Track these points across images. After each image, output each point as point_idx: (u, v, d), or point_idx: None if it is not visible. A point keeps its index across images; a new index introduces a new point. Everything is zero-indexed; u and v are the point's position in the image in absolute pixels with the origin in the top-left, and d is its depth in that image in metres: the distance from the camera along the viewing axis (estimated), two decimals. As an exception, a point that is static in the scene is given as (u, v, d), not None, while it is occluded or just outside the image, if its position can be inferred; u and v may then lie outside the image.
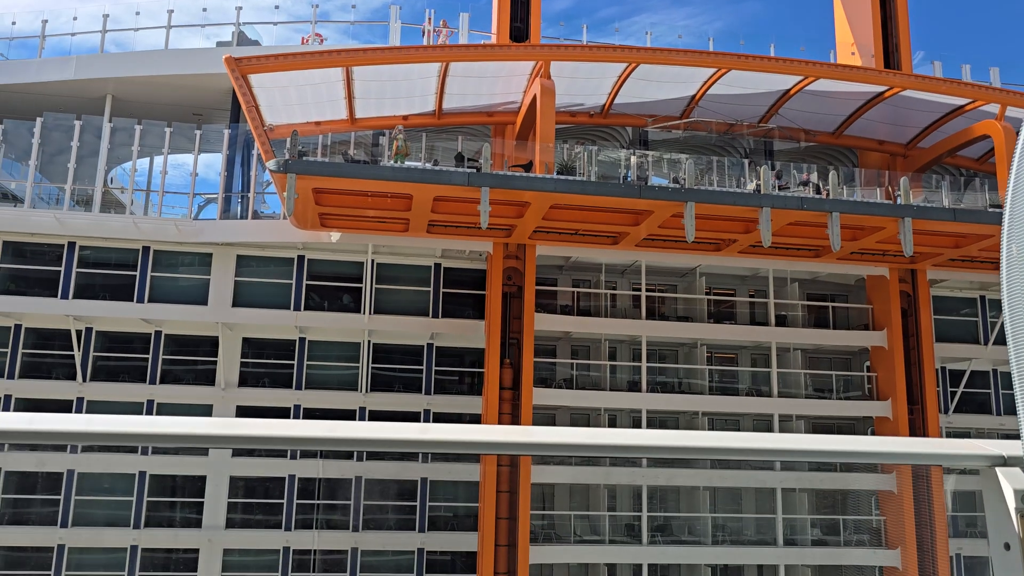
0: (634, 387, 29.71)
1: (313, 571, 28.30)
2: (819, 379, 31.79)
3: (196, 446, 1.74)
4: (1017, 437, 1.68)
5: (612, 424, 30.46)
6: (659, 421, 31.04)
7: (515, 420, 27.34)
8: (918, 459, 1.71)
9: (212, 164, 31.52)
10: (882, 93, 28.56)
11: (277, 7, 32.43)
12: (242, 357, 29.33)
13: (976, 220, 26.13)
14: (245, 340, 29.40)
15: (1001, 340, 32.16)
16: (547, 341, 30.08)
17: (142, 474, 27.88)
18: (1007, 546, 1.63)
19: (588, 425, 30.63)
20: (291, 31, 33.15)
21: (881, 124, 30.56)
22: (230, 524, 28.08)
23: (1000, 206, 26.83)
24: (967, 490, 31.48)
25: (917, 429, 29.96)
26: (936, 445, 1.73)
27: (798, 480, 29.75)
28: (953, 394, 32.38)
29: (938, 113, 29.34)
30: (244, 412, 28.82)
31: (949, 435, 32.26)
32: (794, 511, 29.75)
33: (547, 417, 29.96)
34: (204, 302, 28.60)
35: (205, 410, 28.65)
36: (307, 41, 31.43)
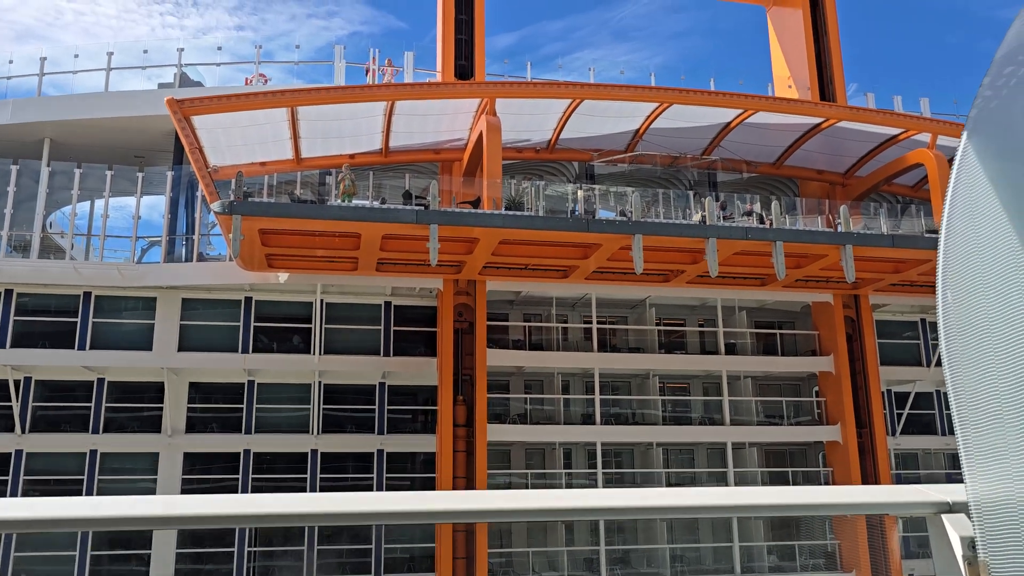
0: (588, 420, 29.72)
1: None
2: (770, 406, 32.20)
3: (209, 527, 1.65)
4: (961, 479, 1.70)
5: (567, 458, 30.38)
6: (614, 453, 31.07)
7: (469, 457, 27.09)
8: (866, 509, 1.70)
9: (155, 206, 31.03)
10: (819, 124, 29.40)
11: (220, 48, 32.18)
12: (189, 402, 28.65)
13: (914, 245, 26.90)
14: (192, 385, 28.74)
15: (942, 361, 32.97)
16: (500, 376, 29.98)
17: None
18: (956, 594, 1.63)
19: (543, 460, 30.50)
20: (235, 71, 32.97)
21: (819, 154, 31.41)
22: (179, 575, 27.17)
23: (936, 231, 27.72)
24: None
25: (867, 452, 30.47)
26: (884, 494, 1.73)
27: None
28: (900, 416, 33.07)
29: (873, 143, 30.29)
30: (192, 459, 28.09)
31: (898, 456, 32.86)
32: (750, 538, 29.90)
33: (502, 454, 29.78)
34: (149, 347, 27.92)
35: (151, 458, 27.86)
36: (251, 81, 31.25)
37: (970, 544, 1.62)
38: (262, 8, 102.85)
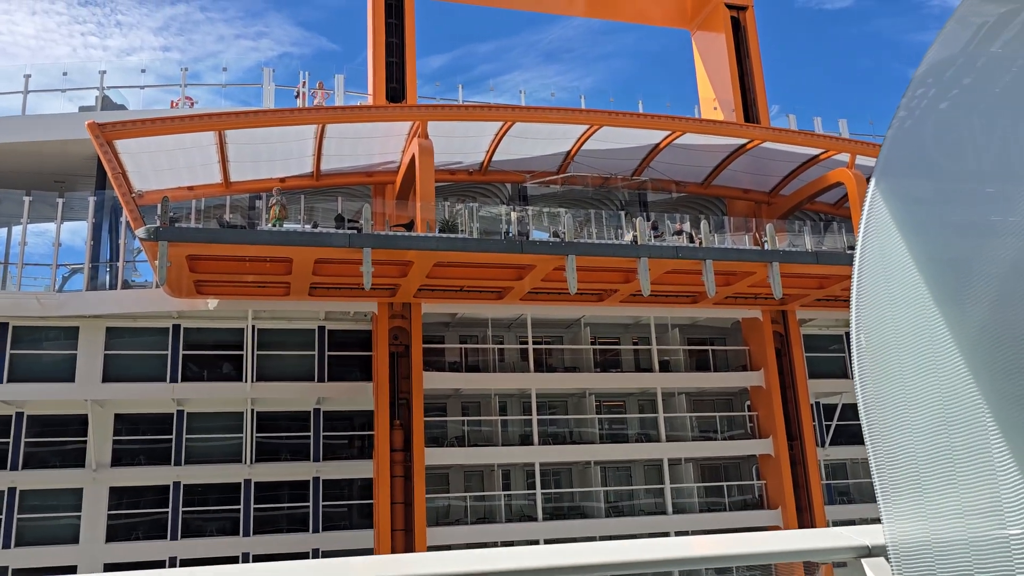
0: (526, 440, 29.71)
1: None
2: (704, 421, 32.71)
3: None
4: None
5: (506, 479, 30.29)
6: (552, 473, 31.09)
7: (408, 482, 26.78)
8: (790, 557, 1.73)
9: (77, 232, 30.01)
10: (744, 145, 30.20)
11: (144, 70, 31.44)
12: (115, 435, 27.68)
13: (837, 262, 27.76)
14: (117, 416, 27.79)
15: (867, 373, 34.03)
16: (437, 399, 29.80)
17: (3, 569, 25.65)
18: (876, 637, 1.66)
19: (482, 482, 30.33)
20: (160, 93, 32.25)
21: (745, 174, 32.25)
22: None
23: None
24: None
25: (798, 463, 31.17)
26: (801, 539, 1.75)
27: (689, 522, 30.27)
28: (828, 427, 33.96)
29: (796, 162, 31.25)
30: (119, 493, 27.11)
31: (827, 467, 33.70)
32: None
33: (440, 477, 29.53)
34: (71, 379, 26.91)
35: (75, 494, 26.77)
36: (177, 104, 30.61)
37: (889, 587, 1.66)
38: (188, 29, 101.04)
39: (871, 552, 1.72)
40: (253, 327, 28.31)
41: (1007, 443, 1.38)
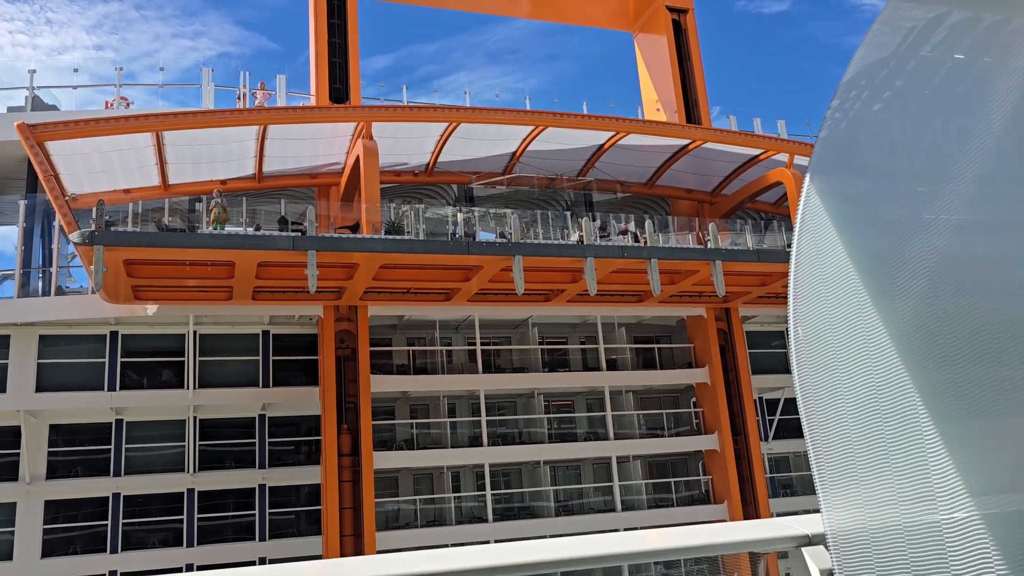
0: (475, 441, 29.67)
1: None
2: (651, 418, 33.08)
3: None
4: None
5: (456, 481, 30.20)
6: (502, 473, 31.11)
7: (356, 487, 26.52)
8: (726, 548, 1.75)
9: (7, 237, 29.09)
10: (686, 146, 30.65)
11: (77, 69, 30.59)
12: (50, 446, 26.79)
13: (777, 260, 28.35)
14: (52, 427, 26.91)
15: (807, 368, 34.83)
16: (385, 402, 29.58)
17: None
18: (817, 625, 1.69)
19: (432, 484, 30.19)
20: (94, 93, 31.45)
21: (688, 174, 32.75)
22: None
23: (796, 246, 29.36)
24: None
25: (742, 458, 31.74)
26: (743, 531, 1.78)
27: (638, 519, 30.57)
28: (771, 422, 34.66)
29: (737, 163, 31.84)
30: (55, 506, 26.26)
31: (771, 460, 34.38)
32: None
33: (389, 480, 29.31)
34: (2, 389, 25.99)
35: (8, 509, 25.85)
36: (112, 105, 29.81)
37: (829, 575, 1.69)
38: (123, 27, 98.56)
39: (811, 541, 1.75)
40: (195, 333, 27.72)
41: (938, 432, 1.42)
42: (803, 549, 1.75)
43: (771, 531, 1.79)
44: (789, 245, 19.50)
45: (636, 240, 27.97)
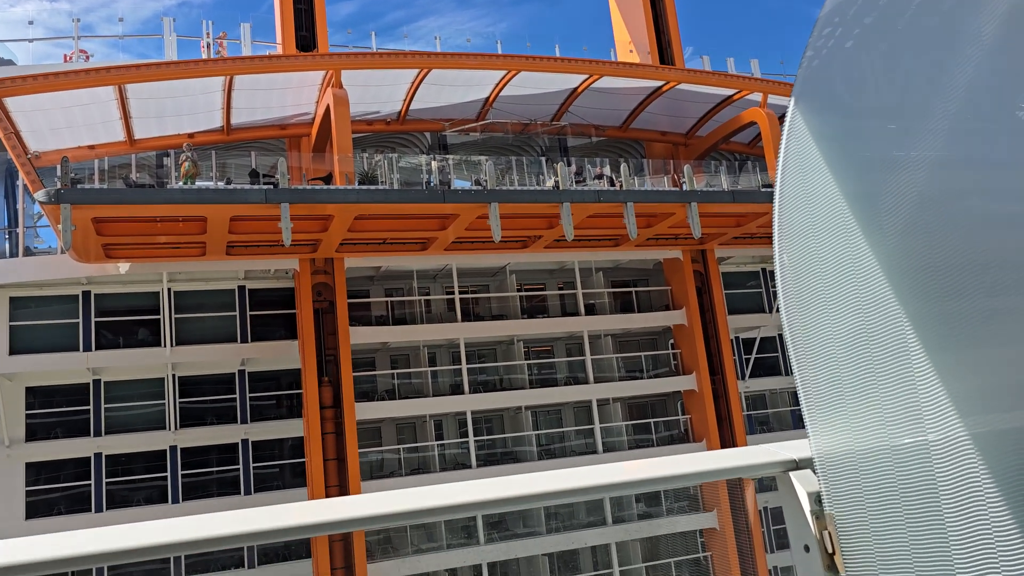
0: (457, 390, 29.85)
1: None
2: (630, 361, 33.39)
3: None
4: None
5: (439, 429, 30.44)
6: (484, 420, 31.39)
7: (339, 438, 26.67)
8: (719, 475, 1.75)
9: (-30, 199, 28.32)
10: (660, 88, 30.39)
11: (32, 22, 29.66)
12: (27, 409, 26.61)
13: (752, 200, 28.42)
14: (29, 390, 26.69)
15: (783, 307, 35.22)
16: (365, 354, 29.58)
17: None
18: (807, 548, 1.70)
19: (415, 433, 30.42)
20: (52, 47, 30.72)
21: (662, 116, 32.54)
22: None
23: (771, 186, 29.39)
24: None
25: (720, 397, 32.23)
26: (729, 458, 1.77)
27: (619, 459, 31.06)
28: (748, 361, 35.12)
29: (711, 103, 31.66)
30: (36, 468, 26.21)
31: (747, 398, 34.95)
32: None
33: (372, 431, 29.49)
34: (-26, 353, 25.68)
35: (-12, 472, 25.76)
36: (71, 58, 28.97)
37: (816, 499, 1.69)
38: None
39: (798, 465, 1.75)
40: (169, 290, 27.42)
41: (927, 354, 1.41)
42: (790, 474, 1.75)
43: (757, 457, 1.79)
44: (764, 185, 19.66)
45: (612, 184, 27.88)
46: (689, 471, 1.67)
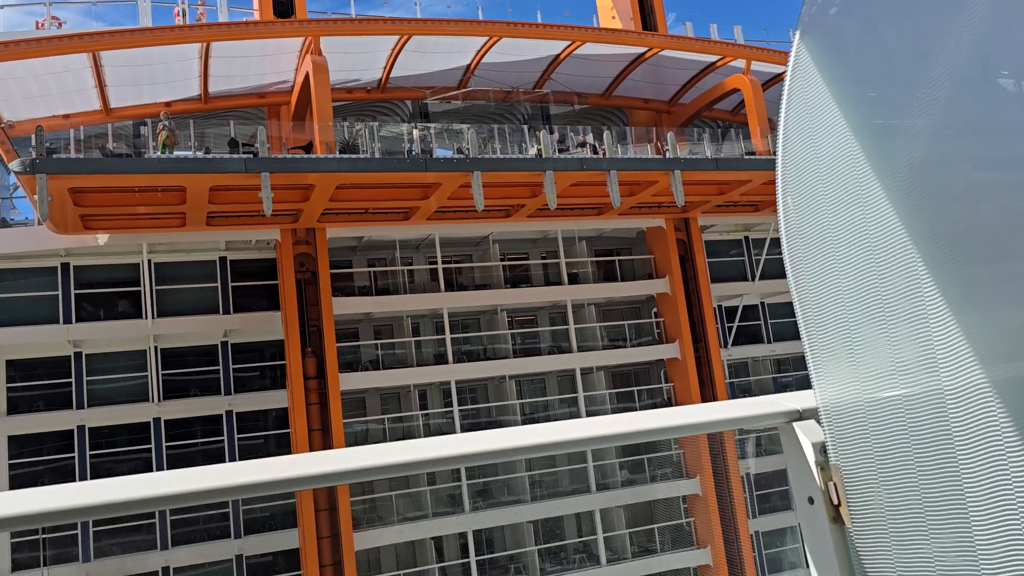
0: (441, 360, 29.82)
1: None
2: (613, 330, 33.46)
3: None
4: (801, 386, 1.73)
5: (423, 399, 30.46)
6: (468, 390, 31.45)
7: (323, 409, 26.65)
8: (720, 426, 1.70)
9: (-57, 170, 27.77)
10: (643, 54, 30.16)
11: (2, -12, 28.81)
12: (8, 382, 26.34)
13: (735, 168, 28.39)
14: (9, 363, 26.40)
15: (767, 275, 35.41)
16: (348, 325, 29.45)
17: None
18: (811, 500, 1.66)
19: (399, 403, 30.44)
20: (21, 14, 29.85)
21: (645, 83, 32.35)
22: (17, 566, 25.37)
23: (754, 154, 29.39)
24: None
25: (703, 365, 32.42)
26: (731, 409, 1.73)
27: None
28: (730, 329, 35.28)
29: (694, 70, 31.48)
30: (18, 442, 26.02)
31: (730, 366, 35.17)
32: (603, 457, 31.29)
33: (357, 402, 29.47)
34: (-48, 326, 25.35)
35: (-31, 446, 25.55)
36: (43, 25, 28.32)
37: (821, 449, 1.65)
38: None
39: (802, 416, 1.70)
40: (149, 261, 27.10)
41: (941, 294, 1.36)
42: (794, 424, 1.71)
43: (759, 408, 1.74)
44: (748, 153, 19.52)
45: (595, 152, 27.74)
46: (690, 422, 1.62)
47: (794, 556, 33.90)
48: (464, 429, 29.53)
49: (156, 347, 27.33)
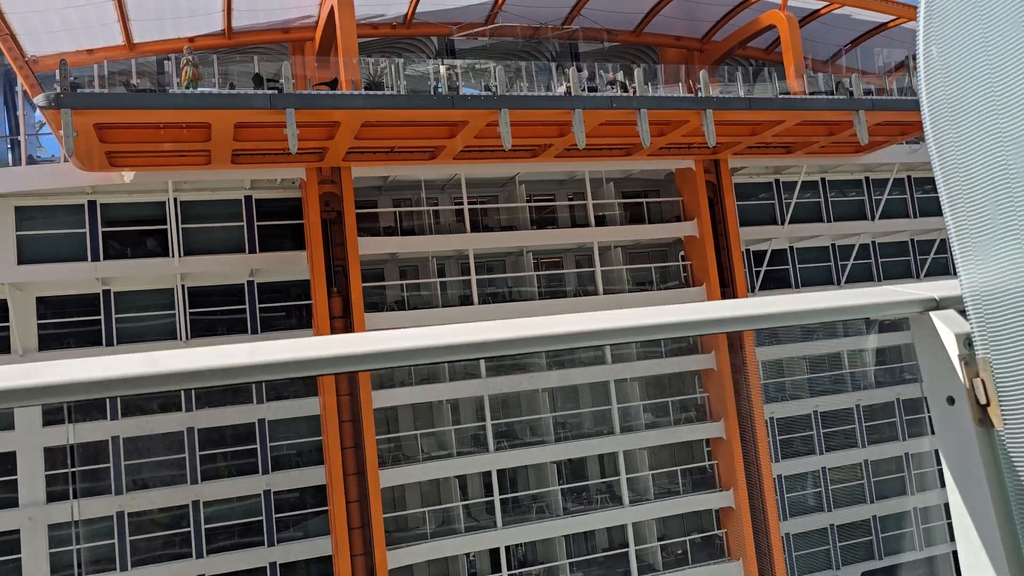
0: (466, 301, 29.76)
1: (154, 532, 26.90)
2: (639, 273, 33.15)
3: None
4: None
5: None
6: (494, 331, 31.37)
7: (350, 348, 26.69)
8: (840, 314, 1.48)
9: (-32, 106, 27.69)
10: (676, -12, 29.21)
11: (22, -80, 28.28)
12: (39, 319, 26.63)
13: (769, 107, 27.62)
14: (39, 300, 26.66)
15: (797, 219, 34.77)
16: (373, 265, 29.37)
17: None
18: (951, 400, 1.45)
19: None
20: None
21: (677, 20, 31.38)
22: (51, 498, 25.98)
23: (788, 93, 28.52)
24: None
25: (730, 309, 32.07)
26: (856, 296, 1.51)
27: (628, 370, 31.22)
28: (758, 273, 34.81)
29: (728, 6, 30.49)
30: (50, 377, 26.39)
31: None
32: (627, 399, 31.31)
33: (382, 341, 29.49)
34: (-17, 262, 25.55)
35: (3, 381, 25.95)
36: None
37: (966, 341, 1.43)
38: None
39: (939, 304, 1.48)
40: (175, 200, 27.06)
41: None
42: (931, 314, 1.48)
43: (889, 296, 1.52)
44: (782, 93, 18.78)
45: (625, 90, 27.06)
46: (809, 307, 1.40)
47: (815, 500, 34.03)
48: (489, 371, 29.59)
49: (183, 285, 27.45)
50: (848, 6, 30.02)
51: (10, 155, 27.08)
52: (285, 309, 29.21)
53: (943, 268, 38.30)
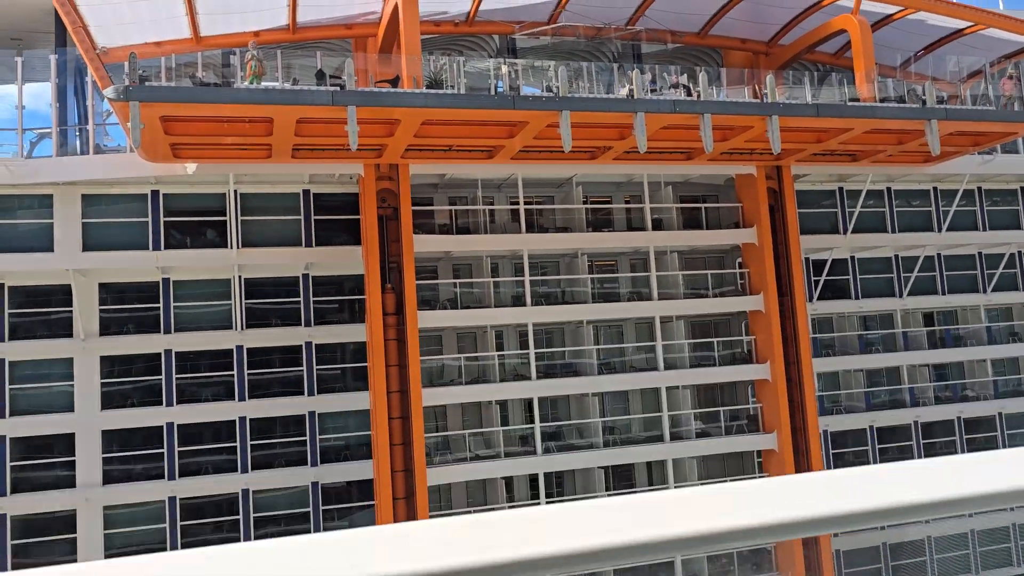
0: (518, 301, 29.58)
1: (204, 517, 27.31)
2: (695, 279, 32.61)
3: None
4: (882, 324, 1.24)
5: (499, 340, 30.29)
6: (544, 332, 31.19)
7: (401, 345, 26.77)
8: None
9: (41, 95, 28.32)
10: (744, -10, 28.56)
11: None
12: (101, 304, 27.20)
13: (837, 114, 26.88)
14: (102, 286, 27.22)
15: (860, 228, 33.86)
16: (428, 262, 29.38)
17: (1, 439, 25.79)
18: None
19: (475, 343, 30.36)
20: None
21: (743, 22, 30.71)
22: (108, 479, 26.53)
23: (857, 100, 27.69)
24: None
25: (787, 318, 31.36)
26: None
27: (680, 377, 30.73)
28: (817, 283, 33.98)
29: (797, 8, 29.71)
30: (110, 362, 26.96)
31: (814, 321, 33.95)
32: (678, 407, 30.84)
33: (434, 339, 29.54)
34: (50, 248, 26.15)
35: (65, 363, 26.58)
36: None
37: None
38: None
39: None
40: (235, 192, 27.38)
41: None
42: None
43: None
44: (851, 100, 18.19)
45: (688, 94, 26.55)
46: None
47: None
48: (540, 372, 29.39)
49: (240, 276, 27.78)
50: (923, 11, 29.05)
51: (78, 143, 27.64)
52: (339, 303, 29.41)
53: (1011, 282, 36.97)
